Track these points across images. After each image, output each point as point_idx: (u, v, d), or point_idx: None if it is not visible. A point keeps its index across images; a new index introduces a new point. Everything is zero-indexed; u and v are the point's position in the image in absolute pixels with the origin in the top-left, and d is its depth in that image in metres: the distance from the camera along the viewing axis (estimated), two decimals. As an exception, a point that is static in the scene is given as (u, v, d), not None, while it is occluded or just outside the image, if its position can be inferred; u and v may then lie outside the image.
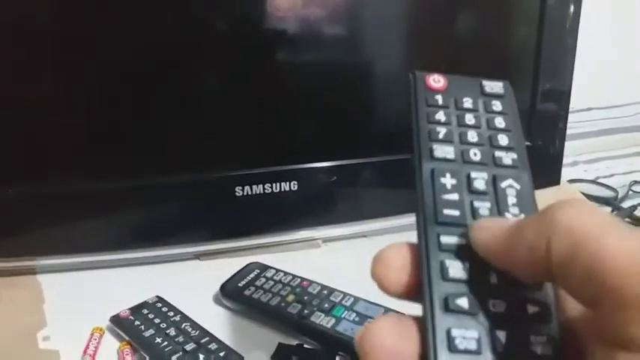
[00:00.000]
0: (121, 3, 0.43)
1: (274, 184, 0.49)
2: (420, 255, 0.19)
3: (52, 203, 0.46)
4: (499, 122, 0.23)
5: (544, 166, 0.57)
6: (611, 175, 0.80)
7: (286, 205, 0.50)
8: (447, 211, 0.20)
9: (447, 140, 0.22)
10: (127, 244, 0.48)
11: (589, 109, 0.95)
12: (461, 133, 0.22)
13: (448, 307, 0.18)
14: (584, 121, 0.92)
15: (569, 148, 0.56)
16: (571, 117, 0.58)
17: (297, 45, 0.48)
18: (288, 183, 0.49)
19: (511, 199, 0.20)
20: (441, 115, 0.22)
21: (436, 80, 0.23)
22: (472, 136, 0.22)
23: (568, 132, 0.59)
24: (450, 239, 0.19)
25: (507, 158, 0.21)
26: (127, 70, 0.45)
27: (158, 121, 0.47)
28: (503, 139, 0.22)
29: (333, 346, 0.38)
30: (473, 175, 0.21)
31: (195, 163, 0.48)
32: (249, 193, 0.49)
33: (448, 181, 0.20)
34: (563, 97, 0.56)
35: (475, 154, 0.21)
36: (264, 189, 0.49)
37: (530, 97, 0.55)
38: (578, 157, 0.84)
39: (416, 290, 0.19)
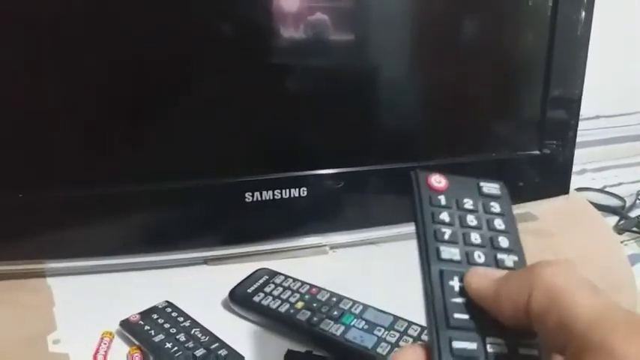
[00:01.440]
0: (131, 9, 0.43)
1: (284, 190, 0.49)
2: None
3: (63, 207, 0.46)
4: (498, 224, 0.24)
5: (553, 175, 0.57)
6: (619, 184, 0.80)
7: (295, 211, 0.50)
8: (457, 315, 0.21)
9: (452, 241, 0.23)
10: (137, 248, 0.48)
11: (597, 117, 0.95)
12: (464, 234, 0.23)
13: None
14: (591, 129, 0.92)
15: (577, 156, 0.56)
16: (579, 125, 0.58)
17: (308, 51, 0.48)
18: (297, 189, 0.50)
19: None
20: (445, 216, 0.23)
21: (437, 180, 0.24)
22: (475, 237, 0.23)
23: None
24: (461, 344, 0.20)
25: (509, 261, 0.23)
26: (139, 75, 0.45)
27: (169, 127, 0.47)
28: (503, 241, 0.23)
29: (342, 353, 0.38)
30: None
31: (205, 169, 0.48)
32: (259, 199, 0.49)
33: (456, 284, 0.21)
34: (573, 105, 0.56)
35: (479, 256, 0.22)
36: (273, 195, 0.49)
37: (540, 105, 0.55)
38: (585, 166, 0.84)
39: None
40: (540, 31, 0.53)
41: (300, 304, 0.41)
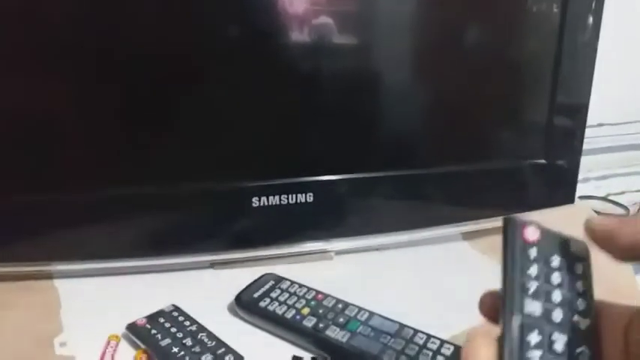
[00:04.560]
0: (143, 14, 0.44)
1: (290, 196, 0.50)
2: None
3: (71, 209, 0.46)
4: (579, 286, 0.24)
5: (559, 184, 0.57)
6: (622, 193, 0.80)
7: (301, 217, 0.50)
8: None
9: (536, 296, 0.23)
10: (143, 251, 0.49)
11: (600, 124, 0.95)
12: (547, 291, 0.23)
13: None
14: (595, 136, 0.92)
15: (580, 163, 0.56)
16: (582, 132, 0.58)
17: (314, 58, 0.48)
18: (303, 194, 0.50)
19: None
20: (533, 270, 0.23)
21: (532, 232, 0.24)
22: (557, 296, 0.23)
23: (579, 148, 0.59)
24: None
25: (583, 324, 0.23)
26: (147, 79, 0.45)
27: (176, 130, 0.47)
28: (581, 304, 0.23)
29: (347, 360, 0.38)
30: (554, 336, 0.22)
31: (212, 173, 0.49)
32: (266, 203, 0.49)
33: (534, 338, 0.21)
34: (580, 112, 0.56)
35: (557, 316, 0.23)
36: (280, 200, 0.50)
37: (547, 113, 0.55)
38: (589, 174, 0.84)
39: None
40: (548, 38, 0.53)
41: (306, 310, 0.42)
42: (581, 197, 0.74)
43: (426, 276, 0.51)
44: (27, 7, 0.41)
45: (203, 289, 0.48)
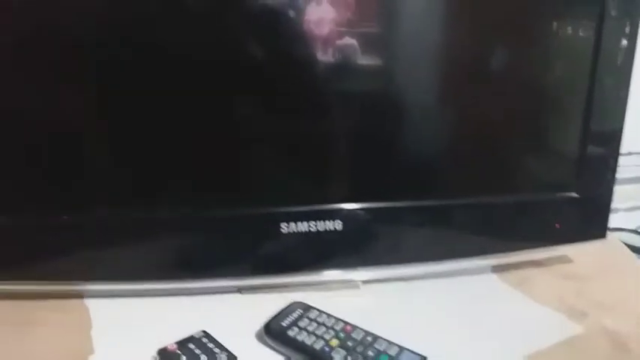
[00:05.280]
0: (177, 38, 0.45)
1: (319, 222, 0.50)
2: None
3: (103, 230, 0.47)
4: None
5: (590, 217, 0.56)
6: (653, 225, 0.78)
7: (329, 244, 0.50)
8: None
9: None
10: (173, 273, 0.49)
11: (629, 153, 0.93)
12: None
13: None
14: (624, 166, 0.91)
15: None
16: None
17: (342, 84, 0.49)
18: (332, 222, 0.50)
19: None
20: None
21: None
22: None
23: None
24: None
25: None
26: (177, 104, 0.46)
27: (207, 156, 0.48)
28: None
29: (376, 396, 0.38)
30: None
31: (243, 198, 0.49)
32: (294, 230, 0.49)
33: None
34: (613, 142, 0.55)
35: None
36: (308, 226, 0.50)
37: (579, 141, 0.54)
38: (618, 205, 0.82)
39: None
40: (581, 62, 0.52)
41: (334, 342, 0.41)
42: (610, 229, 0.72)
43: (455, 308, 0.50)
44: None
45: (231, 315, 0.48)
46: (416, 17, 0.49)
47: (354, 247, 0.51)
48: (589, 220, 0.56)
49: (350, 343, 0.41)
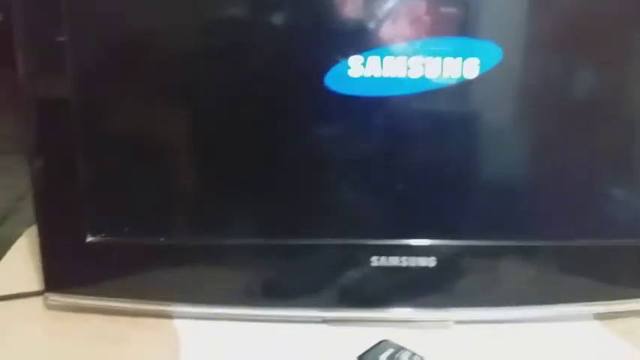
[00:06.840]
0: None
1: (411, 258, 0.48)
2: None
3: (193, 253, 0.48)
4: None
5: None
6: None
7: (421, 281, 0.49)
8: None
9: None
10: (259, 300, 0.49)
11: None
12: None
13: None
14: None
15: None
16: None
17: (435, 119, 0.47)
18: (426, 258, 0.48)
19: None
20: None
21: None
22: None
23: None
24: None
25: None
26: (278, 138, 0.47)
27: (304, 187, 0.48)
28: None
29: None
30: None
31: (334, 228, 0.48)
32: (385, 264, 0.48)
33: None
34: None
35: None
36: (400, 261, 0.48)
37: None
38: None
39: None
40: None
41: (429, 388, 0.39)
42: None
43: (552, 356, 0.47)
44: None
45: (316, 346, 0.47)
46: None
47: (447, 285, 0.49)
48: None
49: (448, 391, 0.39)
